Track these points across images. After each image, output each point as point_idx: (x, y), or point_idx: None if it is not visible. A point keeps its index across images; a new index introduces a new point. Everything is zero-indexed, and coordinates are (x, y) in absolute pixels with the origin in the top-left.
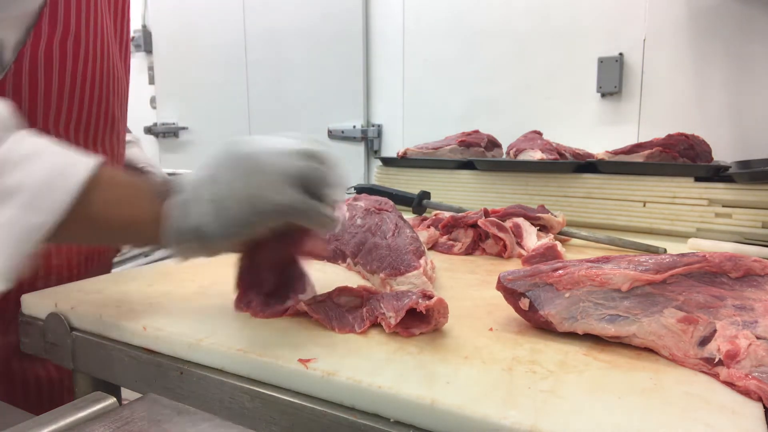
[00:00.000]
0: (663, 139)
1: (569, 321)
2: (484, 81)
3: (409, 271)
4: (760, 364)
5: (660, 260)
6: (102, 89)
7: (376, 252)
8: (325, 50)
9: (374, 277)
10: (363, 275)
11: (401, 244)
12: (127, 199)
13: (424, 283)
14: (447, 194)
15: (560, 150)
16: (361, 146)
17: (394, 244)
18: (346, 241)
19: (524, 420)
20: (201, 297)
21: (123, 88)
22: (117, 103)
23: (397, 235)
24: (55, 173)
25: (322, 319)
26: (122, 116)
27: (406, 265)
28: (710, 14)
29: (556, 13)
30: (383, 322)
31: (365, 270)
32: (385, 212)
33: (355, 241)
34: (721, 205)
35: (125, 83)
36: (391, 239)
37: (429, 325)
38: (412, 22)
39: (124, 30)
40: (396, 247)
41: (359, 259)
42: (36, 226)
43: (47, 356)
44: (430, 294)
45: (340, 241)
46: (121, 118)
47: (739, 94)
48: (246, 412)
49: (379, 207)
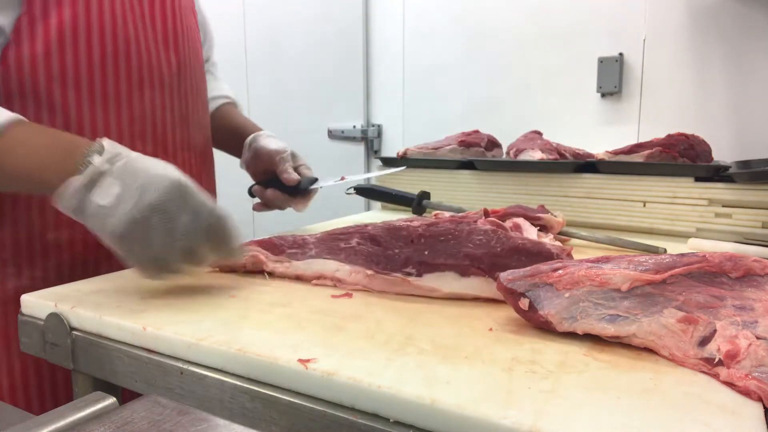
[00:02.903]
0: (663, 139)
1: (569, 321)
2: (484, 81)
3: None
4: (760, 364)
5: (660, 260)
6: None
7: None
8: (325, 50)
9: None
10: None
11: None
12: (42, 151)
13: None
14: (447, 194)
15: (560, 150)
16: (361, 146)
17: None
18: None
19: (524, 420)
20: (201, 297)
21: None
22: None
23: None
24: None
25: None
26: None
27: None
28: (710, 14)
29: (556, 13)
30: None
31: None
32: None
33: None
34: (721, 205)
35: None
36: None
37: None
38: (412, 22)
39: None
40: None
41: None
42: None
43: (47, 356)
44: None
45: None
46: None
47: (739, 94)
48: (246, 412)
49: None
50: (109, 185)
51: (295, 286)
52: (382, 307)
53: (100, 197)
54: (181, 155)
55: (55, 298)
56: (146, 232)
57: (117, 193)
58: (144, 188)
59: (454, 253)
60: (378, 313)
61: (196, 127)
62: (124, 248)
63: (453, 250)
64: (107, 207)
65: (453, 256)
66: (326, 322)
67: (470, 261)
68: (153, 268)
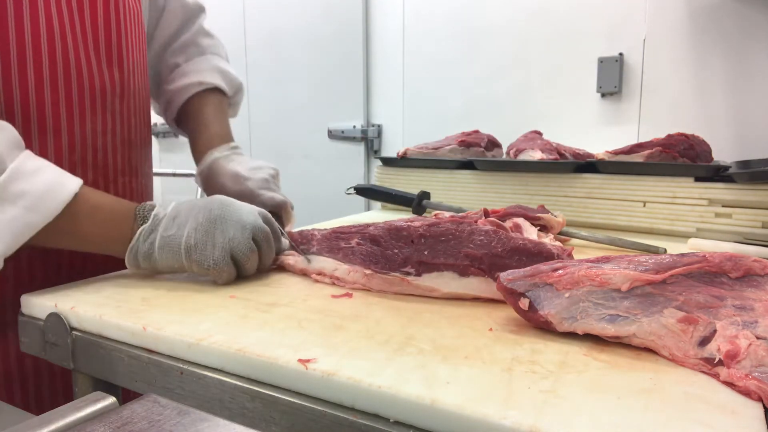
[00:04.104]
0: (663, 139)
1: (569, 321)
2: (484, 81)
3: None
4: (760, 364)
5: (660, 260)
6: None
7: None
8: (325, 50)
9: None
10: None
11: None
12: (102, 218)
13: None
14: (447, 194)
15: (560, 150)
16: (361, 146)
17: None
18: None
19: (524, 420)
20: (201, 297)
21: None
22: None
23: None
24: (52, 185)
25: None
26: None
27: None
28: (710, 14)
29: (556, 13)
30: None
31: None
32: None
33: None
34: (721, 205)
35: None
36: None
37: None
38: (412, 22)
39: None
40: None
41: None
42: (32, 224)
43: (47, 356)
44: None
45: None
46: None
47: (739, 94)
48: (246, 412)
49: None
50: (170, 220)
51: (296, 286)
52: (382, 307)
53: (166, 230)
54: (122, 180)
55: (55, 298)
56: (215, 234)
57: (179, 223)
58: (199, 211)
59: (454, 253)
60: (378, 313)
61: (137, 148)
62: (199, 254)
63: (453, 250)
64: (174, 234)
65: (453, 256)
66: (326, 322)
67: (470, 261)
68: (227, 269)
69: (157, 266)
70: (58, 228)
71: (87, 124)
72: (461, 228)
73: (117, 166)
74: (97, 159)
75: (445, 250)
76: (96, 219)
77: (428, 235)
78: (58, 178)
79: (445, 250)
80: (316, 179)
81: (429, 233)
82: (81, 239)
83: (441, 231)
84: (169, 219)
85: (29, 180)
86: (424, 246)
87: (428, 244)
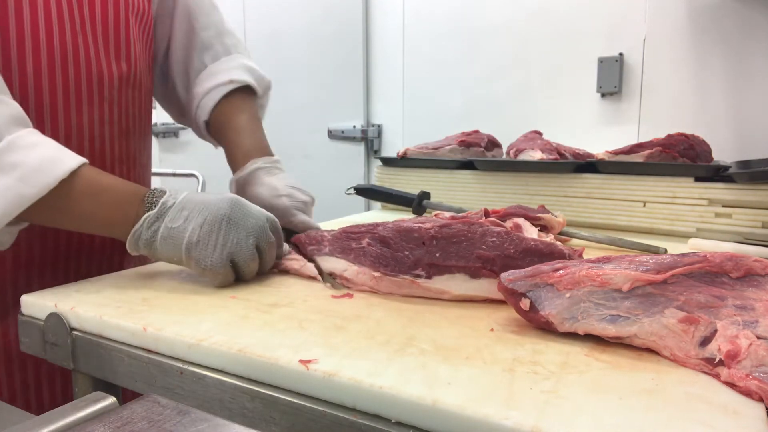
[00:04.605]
0: (663, 139)
1: (570, 321)
2: (484, 81)
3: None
4: (761, 364)
5: (660, 260)
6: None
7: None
8: (325, 50)
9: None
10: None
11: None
12: (107, 199)
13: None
14: (447, 194)
15: (560, 150)
16: (361, 146)
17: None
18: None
19: (525, 421)
20: (201, 297)
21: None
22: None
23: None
24: (49, 160)
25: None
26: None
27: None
28: (710, 14)
29: (556, 13)
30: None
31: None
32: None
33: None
34: (721, 205)
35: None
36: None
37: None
38: (412, 22)
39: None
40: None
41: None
42: (26, 196)
43: (47, 356)
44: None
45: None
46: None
47: (739, 94)
48: (246, 412)
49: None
50: (177, 211)
51: (296, 286)
52: (383, 308)
53: (171, 222)
54: (119, 169)
55: (55, 298)
56: (219, 235)
57: (186, 215)
58: (208, 207)
59: (466, 255)
60: (379, 313)
61: (136, 138)
62: (200, 252)
63: (465, 252)
64: (178, 227)
65: (465, 257)
66: (327, 322)
67: (482, 263)
68: (223, 272)
69: (156, 255)
70: (55, 205)
71: (84, 113)
72: (473, 229)
73: (114, 155)
74: (94, 147)
75: (458, 251)
76: (101, 200)
77: (440, 237)
78: (56, 154)
79: (457, 252)
80: (316, 179)
81: (441, 234)
82: (81, 219)
83: (453, 232)
84: (176, 209)
85: (26, 152)
86: (436, 248)
87: (440, 245)
